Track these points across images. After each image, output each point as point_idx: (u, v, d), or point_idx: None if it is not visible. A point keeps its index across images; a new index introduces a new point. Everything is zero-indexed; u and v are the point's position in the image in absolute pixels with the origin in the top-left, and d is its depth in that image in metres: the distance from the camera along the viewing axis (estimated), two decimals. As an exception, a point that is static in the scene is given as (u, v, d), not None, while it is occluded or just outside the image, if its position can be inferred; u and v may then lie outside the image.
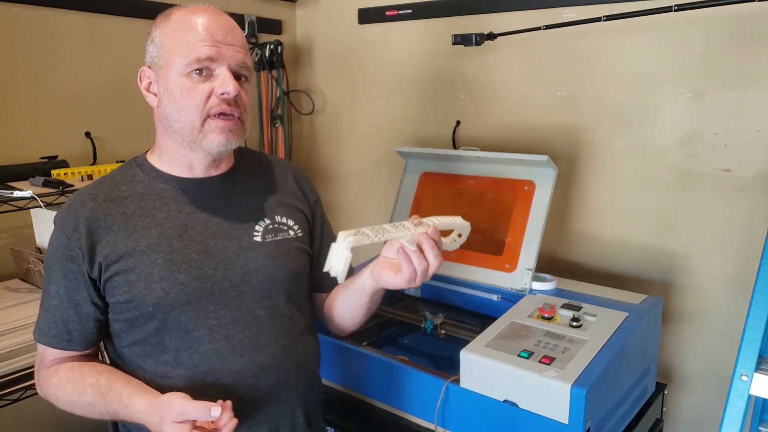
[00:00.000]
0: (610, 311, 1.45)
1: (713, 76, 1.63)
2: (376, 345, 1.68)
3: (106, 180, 1.08)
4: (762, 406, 1.17)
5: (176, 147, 1.05)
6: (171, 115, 1.01)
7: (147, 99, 1.06)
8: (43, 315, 1.05)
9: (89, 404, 1.00)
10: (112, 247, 1.00)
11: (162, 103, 1.02)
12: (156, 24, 1.03)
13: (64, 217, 1.02)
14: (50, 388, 1.04)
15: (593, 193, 1.88)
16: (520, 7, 1.91)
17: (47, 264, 1.04)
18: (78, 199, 1.04)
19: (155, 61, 1.02)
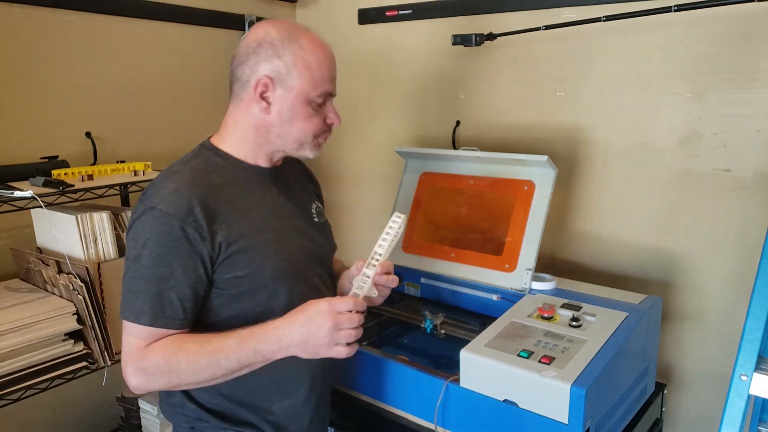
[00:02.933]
0: (609, 311, 1.45)
1: (713, 77, 1.63)
2: (375, 345, 1.68)
3: (193, 168, 1.14)
4: (762, 405, 1.17)
5: (262, 145, 1.19)
6: (280, 126, 1.16)
7: (252, 102, 1.15)
8: (151, 299, 1.05)
9: (225, 358, 1.05)
10: (228, 228, 1.10)
11: (272, 113, 1.15)
12: (282, 41, 1.12)
13: (174, 202, 1.06)
14: (163, 360, 1.05)
15: (593, 193, 1.88)
16: (520, 8, 1.91)
17: (151, 248, 1.05)
18: (182, 184, 1.09)
19: (281, 77, 1.13)
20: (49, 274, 1.56)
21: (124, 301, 1.07)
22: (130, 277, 1.07)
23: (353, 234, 2.53)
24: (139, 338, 1.07)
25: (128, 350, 1.07)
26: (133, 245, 1.07)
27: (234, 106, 1.18)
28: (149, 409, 1.74)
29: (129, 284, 1.07)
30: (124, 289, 1.07)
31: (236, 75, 1.15)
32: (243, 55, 1.14)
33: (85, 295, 1.48)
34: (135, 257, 1.06)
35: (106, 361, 1.54)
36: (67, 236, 1.56)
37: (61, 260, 1.53)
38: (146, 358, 1.05)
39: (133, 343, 1.07)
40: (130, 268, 1.07)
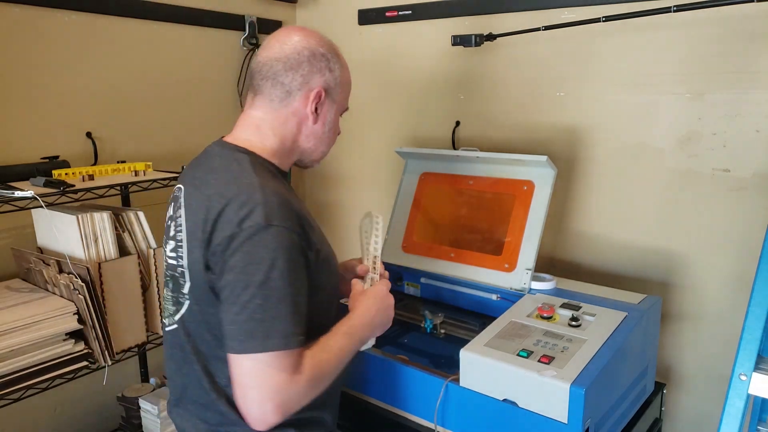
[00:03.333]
0: (609, 311, 1.45)
1: (712, 77, 1.63)
2: (375, 344, 1.67)
3: (266, 176, 1.06)
4: (761, 405, 1.18)
5: (293, 152, 1.18)
6: (320, 137, 1.18)
7: (300, 110, 1.14)
8: (292, 318, 0.98)
9: (347, 356, 1.11)
10: (314, 235, 1.08)
11: (318, 124, 1.16)
12: (332, 55, 1.16)
13: (287, 216, 1.01)
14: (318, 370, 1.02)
15: (592, 193, 1.89)
16: (520, 8, 1.91)
17: (281, 268, 0.97)
18: (279, 195, 1.02)
19: (330, 90, 1.15)
20: (49, 274, 1.56)
21: (257, 333, 0.95)
22: (259, 304, 0.95)
23: (352, 234, 2.53)
24: (288, 364, 0.97)
25: (275, 385, 0.96)
26: (254, 270, 0.96)
27: (272, 111, 1.13)
28: (150, 409, 1.74)
29: (261, 312, 0.96)
30: (251, 319, 0.95)
31: (279, 80, 1.10)
32: (293, 62, 1.10)
33: (85, 294, 1.48)
34: (262, 282, 0.96)
35: (106, 360, 1.54)
36: (68, 236, 1.56)
37: (62, 260, 1.53)
38: (299, 383, 0.98)
39: (281, 374, 0.96)
40: (257, 294, 0.95)
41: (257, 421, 0.98)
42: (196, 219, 1.04)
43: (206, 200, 1.03)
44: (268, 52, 1.12)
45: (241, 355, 0.96)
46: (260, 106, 1.13)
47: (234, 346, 0.97)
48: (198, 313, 1.07)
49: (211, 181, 1.06)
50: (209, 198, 1.03)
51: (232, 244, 0.97)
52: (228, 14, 2.25)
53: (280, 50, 1.11)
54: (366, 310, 1.18)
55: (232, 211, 0.98)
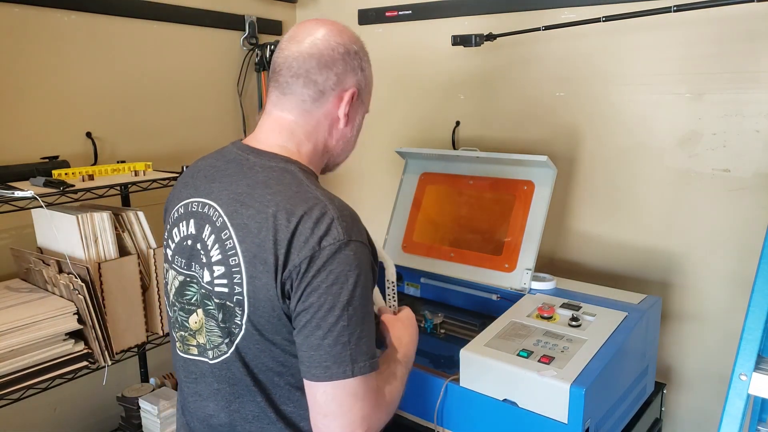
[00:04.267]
0: (609, 311, 1.45)
1: (712, 77, 1.63)
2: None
3: (318, 186, 0.99)
4: (761, 405, 1.18)
5: (324, 157, 1.09)
6: (349, 141, 1.10)
7: (332, 112, 1.04)
8: (372, 338, 0.94)
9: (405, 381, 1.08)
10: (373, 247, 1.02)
11: (348, 126, 1.07)
12: (364, 53, 1.06)
13: (360, 229, 0.95)
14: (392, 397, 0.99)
15: (592, 193, 1.89)
16: (520, 8, 1.91)
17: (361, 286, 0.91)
18: (347, 207, 0.97)
19: (361, 90, 1.06)
20: (49, 274, 1.56)
21: (343, 357, 0.88)
22: (344, 326, 0.88)
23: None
24: (373, 388, 0.92)
25: (362, 413, 0.90)
26: (338, 290, 0.88)
27: (305, 114, 1.02)
28: (150, 409, 1.74)
29: (347, 335, 0.89)
30: (338, 343, 0.88)
31: (312, 78, 0.99)
32: (327, 59, 0.99)
33: (85, 294, 1.48)
34: (347, 302, 0.88)
35: (106, 360, 1.54)
36: (68, 236, 1.56)
37: (62, 260, 1.53)
38: (382, 407, 0.94)
39: (368, 401, 0.91)
40: (342, 316, 0.88)
41: None
42: (259, 241, 0.91)
43: (270, 219, 0.91)
44: (298, 47, 1.00)
45: (326, 383, 0.89)
46: (291, 108, 1.02)
47: (318, 373, 0.89)
48: (259, 342, 0.95)
49: (266, 197, 0.93)
50: (274, 216, 0.91)
51: (313, 264, 0.89)
52: (228, 14, 2.25)
53: (312, 45, 0.99)
54: (413, 337, 1.16)
55: (308, 228, 0.89)
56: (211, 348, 1.00)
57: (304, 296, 0.89)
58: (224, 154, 1.05)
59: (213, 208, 0.98)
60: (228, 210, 0.96)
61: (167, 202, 1.12)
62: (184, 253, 1.02)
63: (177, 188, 1.10)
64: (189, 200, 1.03)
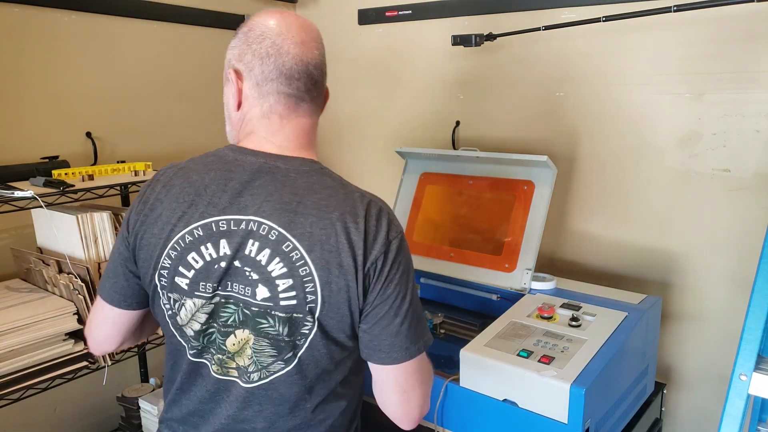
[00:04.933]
0: (609, 311, 1.45)
1: (712, 77, 1.63)
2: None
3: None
4: (761, 405, 1.18)
5: None
6: None
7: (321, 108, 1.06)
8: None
9: None
10: None
11: None
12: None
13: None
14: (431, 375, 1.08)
15: (592, 192, 1.89)
16: (520, 8, 1.91)
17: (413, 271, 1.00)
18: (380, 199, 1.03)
19: None
20: (49, 274, 1.56)
21: (416, 336, 0.97)
22: (413, 309, 0.97)
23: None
24: (428, 358, 1.02)
25: (429, 380, 1.04)
26: (406, 279, 0.97)
27: (315, 116, 1.04)
28: (149, 409, 1.74)
29: (414, 317, 0.97)
30: (410, 326, 0.96)
31: (320, 82, 1.02)
32: (324, 62, 1.02)
33: (85, 294, 1.48)
34: (411, 288, 0.98)
35: (106, 360, 1.54)
36: (68, 236, 1.56)
37: (62, 260, 1.53)
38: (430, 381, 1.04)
39: (430, 368, 1.04)
40: (411, 301, 0.97)
41: (415, 420, 1.01)
42: (330, 247, 0.91)
43: (337, 224, 0.92)
44: (310, 51, 0.99)
45: (407, 362, 0.97)
46: (311, 113, 1.02)
47: (399, 356, 0.96)
48: (323, 346, 0.96)
49: (320, 202, 0.93)
50: (341, 221, 0.92)
51: (388, 258, 0.94)
52: (228, 14, 2.25)
53: (319, 50, 1.01)
54: None
55: (373, 227, 0.94)
56: (256, 370, 0.97)
57: (383, 289, 0.94)
58: (229, 162, 0.98)
59: (257, 223, 0.93)
60: (281, 222, 0.92)
61: (139, 223, 1.00)
62: (213, 276, 0.94)
63: (163, 207, 0.98)
64: (211, 220, 0.94)
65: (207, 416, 1.03)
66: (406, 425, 1.02)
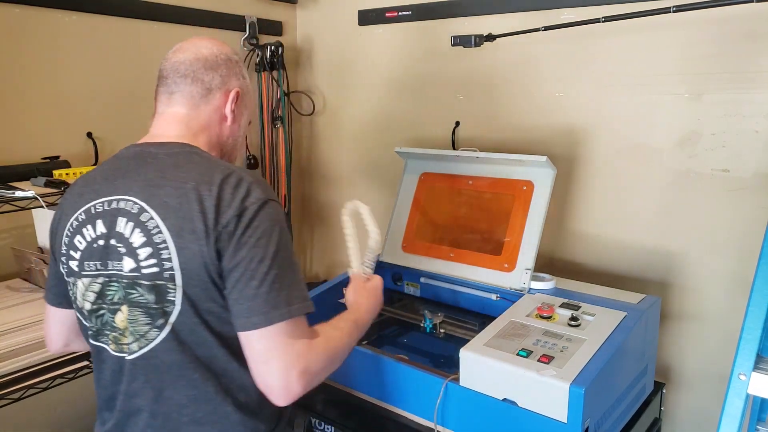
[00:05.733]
0: (608, 311, 1.46)
1: (711, 77, 1.63)
2: (375, 344, 1.68)
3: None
4: (760, 405, 1.18)
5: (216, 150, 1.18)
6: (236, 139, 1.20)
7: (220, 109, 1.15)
8: (303, 285, 1.03)
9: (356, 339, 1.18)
10: None
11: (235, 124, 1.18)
12: (242, 65, 1.20)
13: (273, 191, 1.08)
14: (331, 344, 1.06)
15: (592, 193, 1.89)
16: (520, 8, 1.91)
17: (284, 239, 1.01)
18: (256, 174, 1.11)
19: (244, 95, 1.18)
20: (49, 274, 1.56)
21: (279, 302, 0.96)
22: (276, 274, 0.97)
23: (353, 234, 2.53)
24: (306, 329, 1.02)
25: (297, 351, 0.98)
26: (266, 243, 0.98)
27: (195, 108, 1.12)
28: (150, 409, 1.74)
29: (279, 282, 0.97)
30: (272, 290, 0.96)
31: (199, 77, 1.12)
32: (212, 63, 1.13)
33: (85, 294, 1.48)
34: (275, 252, 0.98)
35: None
36: (68, 236, 1.56)
37: (62, 260, 1.53)
38: (317, 349, 1.02)
39: (302, 340, 0.99)
40: (273, 265, 0.97)
41: (282, 391, 0.97)
42: (182, 214, 0.97)
43: (191, 192, 0.98)
44: (184, 55, 1.14)
45: (264, 328, 0.96)
46: (183, 103, 1.12)
47: (257, 321, 0.95)
48: (194, 315, 0.99)
49: (180, 175, 1.01)
50: (195, 189, 0.98)
51: (241, 222, 0.97)
52: (228, 14, 2.25)
53: (197, 52, 1.14)
54: (372, 305, 1.30)
55: (229, 193, 0.98)
56: (135, 340, 1.02)
57: (234, 253, 0.96)
58: (119, 156, 1.10)
59: (125, 201, 1.02)
60: (143, 196, 1.01)
61: (54, 224, 1.10)
62: (95, 255, 1.03)
63: (66, 204, 1.09)
64: (90, 204, 1.04)
65: (116, 398, 1.10)
66: (275, 399, 0.98)
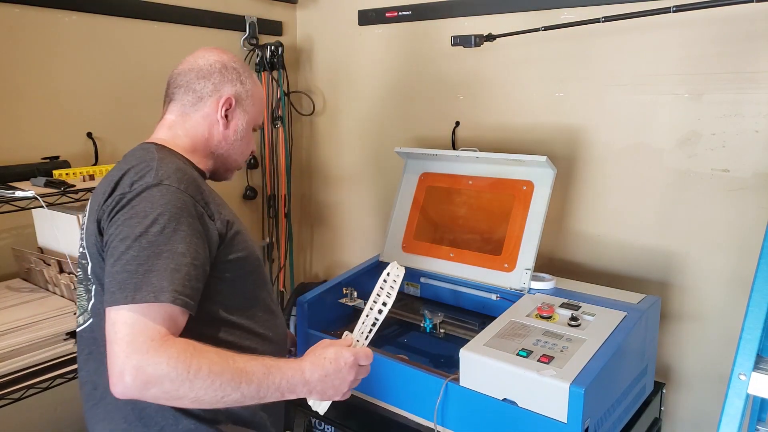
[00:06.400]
0: (608, 311, 1.46)
1: (711, 77, 1.63)
2: (375, 344, 1.67)
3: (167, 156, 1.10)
4: (760, 405, 1.18)
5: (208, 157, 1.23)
6: (231, 144, 1.22)
7: (210, 115, 1.19)
8: (169, 275, 0.93)
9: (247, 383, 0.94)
10: (222, 209, 1.10)
11: (229, 129, 1.21)
12: (245, 71, 1.23)
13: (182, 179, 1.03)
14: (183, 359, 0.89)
15: (592, 193, 1.89)
16: (520, 8, 1.91)
17: (163, 224, 0.95)
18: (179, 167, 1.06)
19: (241, 100, 1.22)
20: (50, 274, 1.56)
21: (127, 284, 0.91)
22: (134, 256, 0.93)
23: (352, 234, 2.53)
24: (156, 323, 0.90)
25: (138, 342, 0.88)
26: (135, 223, 0.95)
27: (183, 114, 1.19)
28: (150, 409, 1.74)
29: (135, 264, 0.92)
30: (124, 271, 0.92)
31: (191, 87, 1.19)
32: (205, 72, 1.19)
33: (85, 294, 1.48)
34: (140, 235, 0.94)
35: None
36: (69, 236, 1.56)
37: (63, 260, 1.54)
38: (163, 351, 0.88)
39: (146, 331, 0.89)
40: (132, 246, 0.94)
41: (114, 378, 0.88)
42: (94, 199, 1.08)
43: (108, 179, 1.07)
44: (183, 66, 1.21)
45: (112, 307, 0.91)
46: (174, 110, 1.20)
47: (106, 299, 0.92)
48: (102, 292, 1.00)
49: (118, 166, 1.09)
50: (111, 176, 1.07)
51: (121, 202, 0.99)
52: (228, 15, 2.25)
53: (193, 63, 1.20)
54: (314, 365, 1.02)
55: (128, 177, 1.02)
56: (81, 314, 1.12)
57: (107, 229, 1.00)
58: None
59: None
60: (96, 189, 1.12)
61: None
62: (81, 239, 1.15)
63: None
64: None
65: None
66: (111, 388, 0.89)
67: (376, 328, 1.09)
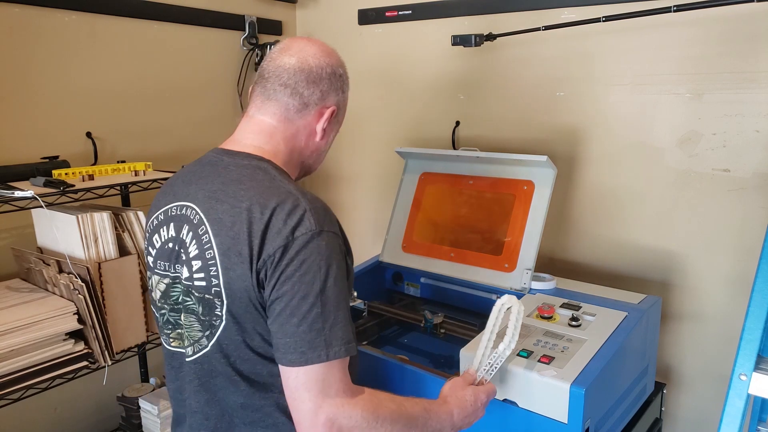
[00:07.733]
0: (609, 311, 1.45)
1: (712, 77, 1.63)
2: (376, 344, 1.68)
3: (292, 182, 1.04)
4: (761, 405, 1.18)
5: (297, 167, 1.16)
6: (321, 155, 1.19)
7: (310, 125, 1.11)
8: (347, 325, 0.96)
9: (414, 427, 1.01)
10: (347, 241, 1.05)
11: (324, 141, 1.15)
12: (345, 77, 1.15)
13: (332, 220, 1.00)
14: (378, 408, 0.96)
15: (592, 193, 1.89)
16: (520, 8, 1.91)
17: (334, 274, 0.95)
18: (319, 200, 1.01)
19: (339, 111, 1.15)
20: (49, 274, 1.56)
21: (318, 343, 0.92)
22: (318, 313, 0.92)
23: (352, 234, 2.53)
24: (343, 373, 0.94)
25: (328, 394, 0.92)
26: (311, 279, 0.93)
27: (286, 121, 1.08)
28: (150, 409, 1.74)
29: (321, 321, 0.92)
30: (311, 330, 0.92)
31: (299, 90, 1.07)
32: (315, 76, 1.08)
33: (85, 294, 1.48)
34: (320, 290, 0.93)
35: (106, 360, 1.54)
36: (68, 236, 1.56)
37: (62, 260, 1.53)
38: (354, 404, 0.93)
39: (336, 384, 0.93)
40: (316, 303, 0.92)
41: (306, 431, 0.93)
42: (233, 234, 0.96)
43: (243, 212, 0.96)
44: (290, 60, 1.07)
45: (300, 367, 0.92)
46: (274, 113, 1.08)
47: (293, 359, 0.92)
48: (237, 333, 0.99)
49: (239, 192, 0.98)
50: (248, 210, 0.95)
51: (287, 254, 0.93)
52: (228, 14, 2.25)
53: (303, 61, 1.07)
54: (462, 413, 1.10)
55: (281, 220, 0.94)
56: (191, 344, 1.05)
57: (278, 285, 0.93)
58: (201, 160, 1.10)
59: (190, 209, 1.03)
60: (204, 207, 1.01)
61: (148, 215, 1.14)
62: (165, 256, 1.06)
63: (156, 199, 1.13)
64: (168, 206, 1.07)
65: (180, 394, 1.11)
66: None
67: (500, 365, 1.20)
